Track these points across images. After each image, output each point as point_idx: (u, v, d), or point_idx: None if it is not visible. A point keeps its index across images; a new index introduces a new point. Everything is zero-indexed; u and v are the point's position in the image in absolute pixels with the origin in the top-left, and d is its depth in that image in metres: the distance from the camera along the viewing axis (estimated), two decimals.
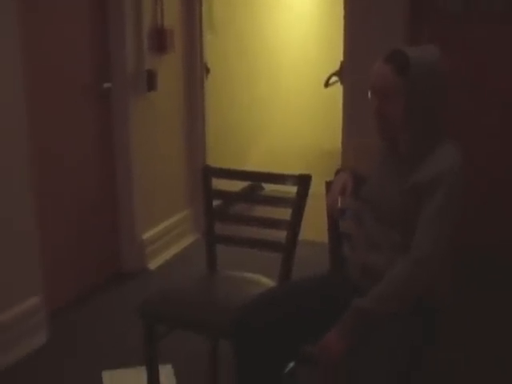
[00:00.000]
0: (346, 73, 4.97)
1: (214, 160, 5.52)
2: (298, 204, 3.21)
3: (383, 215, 2.69)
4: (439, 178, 2.53)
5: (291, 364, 2.87)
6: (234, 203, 4.49)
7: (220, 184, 3.51)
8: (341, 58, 5.03)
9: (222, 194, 3.57)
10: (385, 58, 2.60)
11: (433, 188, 2.53)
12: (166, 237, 5.35)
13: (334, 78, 6.27)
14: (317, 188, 3.31)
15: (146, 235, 5.13)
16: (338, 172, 2.93)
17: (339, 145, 4.93)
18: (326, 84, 6.56)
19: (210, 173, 3.48)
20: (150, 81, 4.94)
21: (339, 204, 2.80)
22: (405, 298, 2.56)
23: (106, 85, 4.71)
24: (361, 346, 2.48)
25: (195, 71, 5.61)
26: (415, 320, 2.58)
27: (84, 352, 3.95)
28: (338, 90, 5.45)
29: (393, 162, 2.72)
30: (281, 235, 3.26)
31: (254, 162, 6.94)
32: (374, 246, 2.71)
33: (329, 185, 3.02)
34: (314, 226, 4.28)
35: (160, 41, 5.02)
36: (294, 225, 3.21)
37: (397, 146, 2.68)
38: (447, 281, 2.75)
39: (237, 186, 3.82)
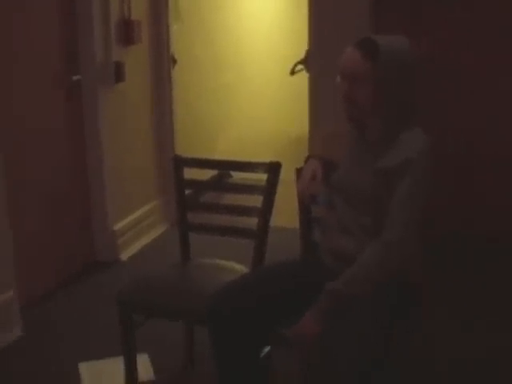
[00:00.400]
0: (311, 61, 5.01)
1: (183, 150, 5.54)
2: (269, 191, 3.25)
3: (354, 199, 2.74)
4: (408, 162, 2.59)
5: (267, 348, 2.92)
6: (204, 192, 4.54)
7: (188, 173, 3.54)
8: (306, 46, 5.07)
9: (193, 184, 3.60)
10: (355, 44, 2.65)
11: (402, 172, 2.59)
12: (137, 227, 5.37)
13: (300, 66, 6.33)
14: (285, 175, 3.35)
15: (118, 226, 5.15)
16: (307, 159, 2.98)
17: (306, 132, 4.98)
18: (292, 72, 6.62)
19: (181, 162, 3.50)
20: (118, 72, 4.95)
21: (310, 190, 2.85)
22: (377, 280, 2.61)
23: (75, 77, 4.71)
24: (335, 327, 2.54)
25: (162, 62, 5.63)
26: (388, 300, 2.63)
27: (59, 344, 3.95)
28: (303, 77, 5.50)
29: (362, 147, 2.77)
30: (252, 222, 3.30)
31: (223, 151, 6.97)
32: (345, 230, 2.77)
33: (299, 171, 3.07)
34: (285, 213, 4.32)
35: (127, 32, 5.03)
36: (266, 212, 3.26)
37: (365, 130, 2.74)
38: (418, 261, 2.82)
39: (205, 174, 3.85)
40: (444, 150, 4.37)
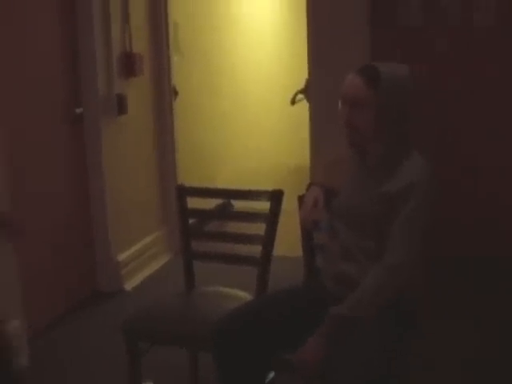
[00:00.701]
0: (311, 90, 5.06)
1: (185, 180, 5.57)
2: (272, 219, 3.29)
3: (356, 224, 2.77)
4: (411, 186, 2.63)
5: (271, 374, 2.95)
6: (207, 221, 4.58)
7: (190, 202, 3.58)
8: (306, 75, 5.13)
9: (197, 212, 3.65)
10: (357, 70, 2.70)
11: (404, 197, 2.63)
12: (140, 257, 5.40)
13: (300, 96, 6.38)
14: (286, 204, 3.37)
15: (122, 256, 5.17)
16: (309, 186, 3.02)
17: (306, 161, 5.01)
18: (293, 101, 6.68)
19: (184, 192, 3.55)
20: (121, 105, 5.01)
21: (312, 216, 2.89)
22: (380, 304, 2.64)
23: (78, 110, 4.77)
24: (338, 351, 2.56)
25: (164, 94, 5.69)
26: (391, 323, 2.66)
27: (65, 373, 3.97)
28: (304, 107, 5.55)
29: (363, 172, 2.81)
30: (255, 250, 3.34)
31: (223, 181, 7.00)
32: (348, 255, 2.79)
33: (301, 199, 3.11)
34: (287, 242, 4.36)
35: (129, 65, 5.09)
36: (268, 240, 3.29)
37: (366, 156, 2.78)
38: (421, 284, 2.85)
39: (207, 204, 3.89)
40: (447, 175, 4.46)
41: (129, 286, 5.20)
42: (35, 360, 4.07)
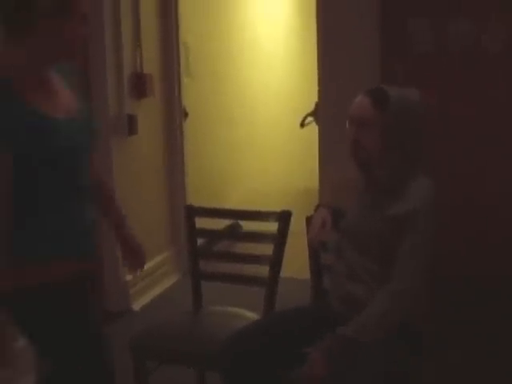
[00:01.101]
0: (320, 113, 5.08)
1: (193, 200, 5.59)
2: (280, 240, 3.31)
3: (362, 246, 2.79)
4: (416, 212, 2.65)
5: None
6: (215, 241, 4.59)
7: (199, 223, 3.59)
8: (316, 98, 5.15)
9: (205, 233, 3.67)
10: (366, 91, 2.74)
11: (409, 222, 2.64)
12: (149, 277, 5.40)
13: (310, 119, 6.41)
14: (295, 226, 3.39)
15: (130, 276, 5.18)
16: (317, 207, 3.04)
17: (315, 184, 5.02)
18: (302, 124, 6.70)
19: (193, 212, 3.57)
20: (131, 125, 5.04)
21: (319, 237, 2.90)
22: (385, 329, 2.65)
23: None
24: (342, 371, 2.57)
25: (174, 115, 5.72)
26: (396, 347, 2.67)
27: None
28: (313, 130, 5.58)
29: (370, 194, 2.83)
30: (263, 270, 3.35)
31: (232, 203, 7.01)
32: (354, 276, 2.81)
33: (309, 220, 3.13)
34: (294, 264, 4.37)
35: (140, 86, 5.13)
36: (276, 260, 3.31)
37: (373, 178, 2.80)
38: (427, 308, 2.85)
39: (216, 224, 3.90)
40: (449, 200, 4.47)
41: (137, 305, 5.20)
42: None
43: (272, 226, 3.34)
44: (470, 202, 4.81)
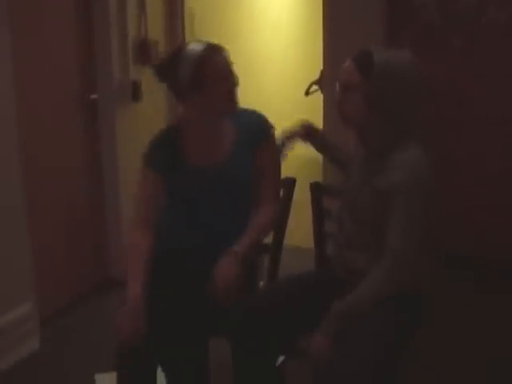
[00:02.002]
0: (325, 81, 5.06)
1: None
2: (284, 206, 3.28)
3: (357, 217, 2.79)
4: (406, 183, 2.59)
5: (281, 358, 2.96)
6: None
7: None
8: (321, 66, 5.13)
9: None
10: (353, 56, 2.71)
11: (400, 193, 2.60)
12: None
13: (315, 87, 6.38)
14: (298, 195, 3.39)
15: None
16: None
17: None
18: (307, 92, 6.67)
19: None
20: (135, 92, 5.03)
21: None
22: (380, 299, 2.65)
23: (93, 96, 4.80)
24: (343, 338, 2.58)
25: None
26: (396, 310, 2.68)
27: (76, 356, 4.02)
28: (318, 97, 5.55)
29: (363, 163, 2.82)
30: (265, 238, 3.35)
31: None
32: (352, 245, 2.82)
33: (313, 186, 3.15)
34: (298, 232, 4.36)
35: (144, 52, 5.10)
36: (280, 227, 3.28)
37: (367, 146, 2.79)
38: (427, 277, 2.85)
39: None
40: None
41: None
42: (47, 342, 4.14)
43: None
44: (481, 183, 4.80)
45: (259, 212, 3.02)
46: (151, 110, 5.37)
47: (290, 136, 3.14)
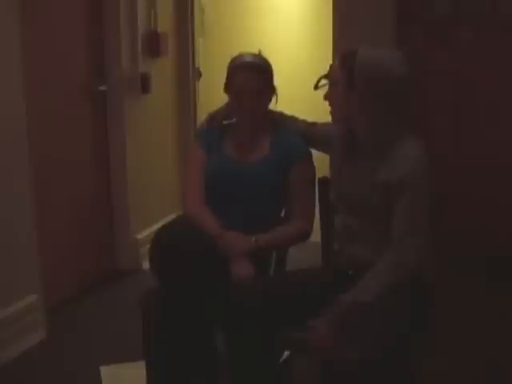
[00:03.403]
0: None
1: None
2: None
3: (355, 210, 2.83)
4: (413, 174, 2.65)
5: (286, 353, 2.96)
6: None
7: None
8: (330, 60, 5.12)
9: None
10: (341, 53, 2.82)
11: (401, 187, 2.65)
12: None
13: (324, 81, 6.36)
14: None
15: (141, 235, 5.21)
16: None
17: None
18: (316, 86, 6.64)
19: None
20: (144, 84, 5.04)
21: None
22: (390, 289, 2.65)
23: (102, 87, 4.80)
24: (350, 328, 2.60)
25: (188, 74, 5.72)
26: (405, 300, 2.70)
27: (82, 348, 4.02)
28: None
29: (356, 158, 2.85)
30: None
31: None
32: (354, 238, 2.86)
33: (321, 181, 3.17)
34: None
35: (154, 45, 5.12)
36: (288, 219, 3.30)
37: (356, 140, 2.84)
38: (431, 266, 2.86)
39: None
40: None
41: (147, 265, 5.18)
42: (53, 332, 4.15)
43: None
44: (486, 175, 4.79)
45: (290, 225, 3.14)
46: (160, 103, 5.38)
47: (215, 116, 3.32)
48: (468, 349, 3.85)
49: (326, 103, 2.87)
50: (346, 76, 2.71)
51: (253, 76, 3.15)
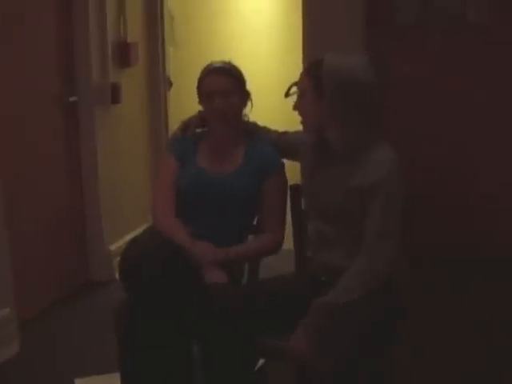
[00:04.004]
0: None
1: None
2: None
3: (329, 215, 2.84)
4: (380, 182, 2.66)
5: (261, 361, 2.96)
6: None
7: None
8: (301, 66, 5.13)
9: None
10: (308, 63, 2.83)
11: (375, 191, 2.67)
12: None
13: (295, 88, 6.37)
14: None
15: (114, 246, 5.18)
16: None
17: None
18: (287, 94, 6.66)
19: None
20: (115, 94, 5.02)
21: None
22: (364, 286, 2.67)
23: (72, 98, 4.78)
24: (326, 331, 2.60)
25: (158, 84, 5.71)
26: (379, 303, 2.71)
27: (56, 361, 3.99)
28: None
29: (329, 165, 2.85)
30: None
31: None
32: (327, 244, 2.86)
33: (293, 188, 3.17)
34: None
35: (124, 54, 5.11)
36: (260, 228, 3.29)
37: (328, 147, 2.84)
38: (405, 270, 2.88)
39: None
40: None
41: None
42: (27, 346, 4.11)
43: None
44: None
45: (262, 237, 3.17)
46: (131, 112, 5.37)
47: (188, 124, 3.31)
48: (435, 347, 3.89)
49: (296, 112, 2.87)
50: (314, 85, 2.72)
51: (221, 78, 3.19)
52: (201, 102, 3.23)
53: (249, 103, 3.28)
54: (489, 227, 4.74)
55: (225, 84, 3.17)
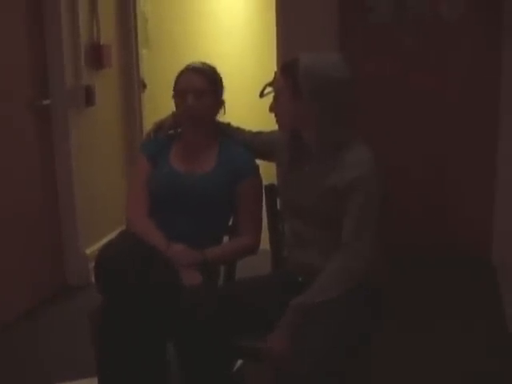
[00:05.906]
0: None
1: None
2: None
3: (305, 215, 2.83)
4: (357, 180, 2.66)
5: (239, 362, 2.95)
6: None
7: None
8: (275, 68, 5.13)
9: None
10: (282, 63, 2.82)
11: (352, 191, 2.66)
12: None
13: (269, 89, 6.37)
14: None
15: (90, 250, 5.15)
16: None
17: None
18: (261, 94, 6.66)
19: None
20: (88, 96, 4.99)
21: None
22: (340, 285, 2.67)
23: (45, 101, 4.74)
24: (304, 333, 2.59)
25: (132, 86, 5.68)
26: (359, 303, 2.71)
27: (33, 366, 3.96)
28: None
29: (304, 165, 2.85)
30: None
31: None
32: (303, 244, 2.86)
33: (268, 188, 3.16)
34: None
35: (97, 56, 5.08)
36: (235, 228, 3.27)
37: (304, 148, 2.84)
38: (384, 270, 2.88)
39: None
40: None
41: None
42: (2, 352, 4.07)
43: None
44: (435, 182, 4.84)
45: (239, 239, 3.16)
46: (105, 115, 5.34)
47: (161, 125, 3.31)
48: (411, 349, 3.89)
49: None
50: (290, 85, 2.71)
51: (196, 77, 3.18)
52: (174, 99, 3.22)
53: (221, 111, 3.28)
54: (459, 227, 4.79)
55: (199, 83, 3.16)
